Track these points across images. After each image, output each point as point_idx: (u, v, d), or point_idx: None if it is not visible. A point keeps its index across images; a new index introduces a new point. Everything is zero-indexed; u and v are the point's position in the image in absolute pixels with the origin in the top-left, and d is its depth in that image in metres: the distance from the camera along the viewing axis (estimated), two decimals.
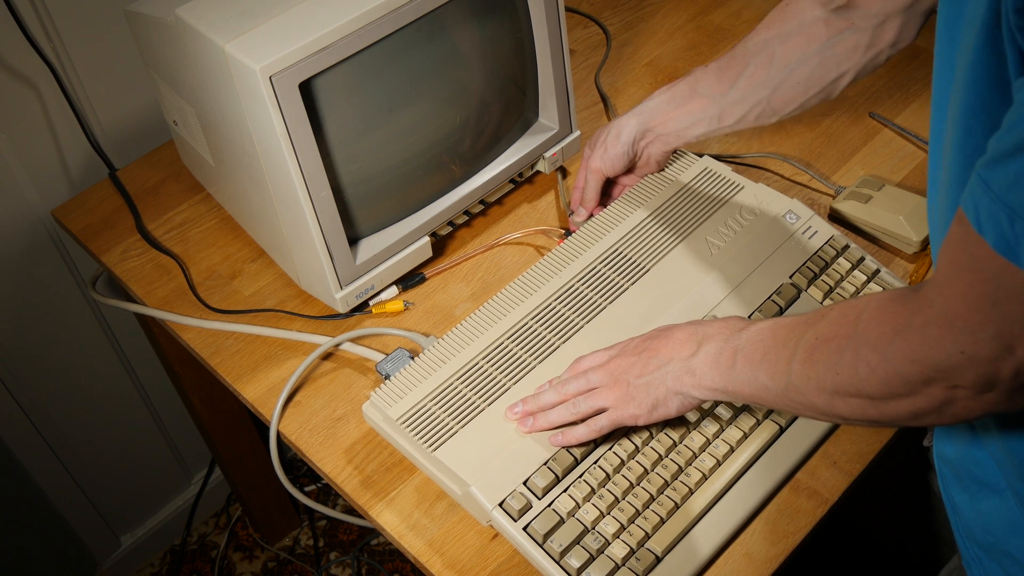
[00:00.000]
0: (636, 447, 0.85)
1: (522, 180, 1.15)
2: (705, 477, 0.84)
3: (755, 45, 0.93)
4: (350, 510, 1.65)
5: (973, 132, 0.53)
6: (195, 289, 1.08)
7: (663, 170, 1.05)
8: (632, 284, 0.96)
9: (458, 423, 0.86)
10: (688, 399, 0.78)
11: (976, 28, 0.50)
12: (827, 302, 0.95)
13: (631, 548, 0.80)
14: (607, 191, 1.07)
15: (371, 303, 1.03)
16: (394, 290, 1.04)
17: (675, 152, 1.08)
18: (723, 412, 0.87)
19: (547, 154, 1.11)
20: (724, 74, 0.94)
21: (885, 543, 1.13)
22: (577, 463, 0.84)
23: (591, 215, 1.06)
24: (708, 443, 0.86)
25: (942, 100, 0.59)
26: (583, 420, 0.82)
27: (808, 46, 0.90)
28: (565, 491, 0.82)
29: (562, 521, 0.81)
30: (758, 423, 0.87)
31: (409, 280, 1.05)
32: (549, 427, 0.84)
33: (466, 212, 1.09)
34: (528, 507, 0.81)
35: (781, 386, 0.68)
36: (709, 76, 0.95)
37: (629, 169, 1.04)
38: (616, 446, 0.85)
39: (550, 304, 0.94)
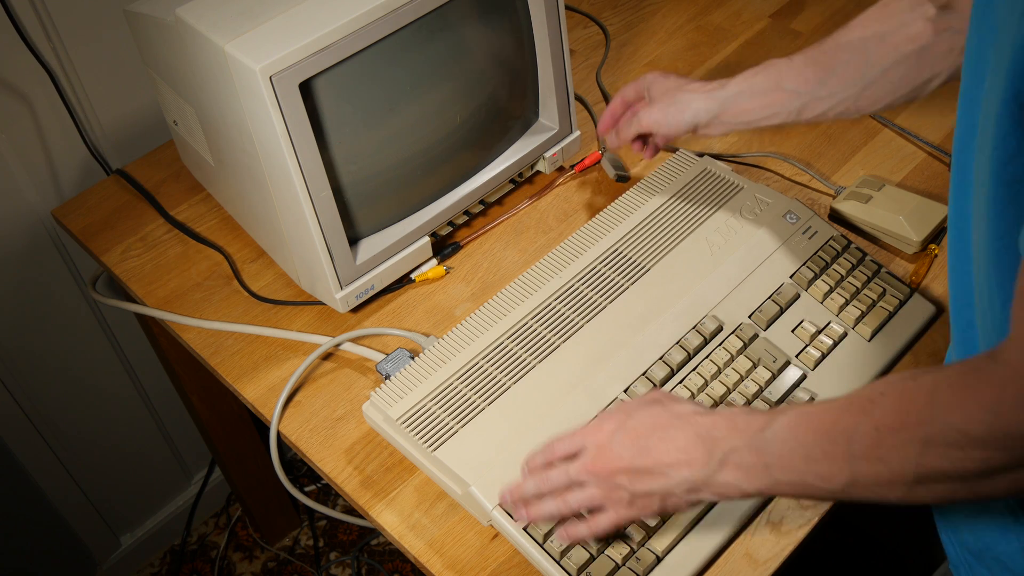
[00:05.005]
0: None
1: (522, 180, 1.15)
2: None
3: (850, 43, 0.89)
4: (350, 510, 1.65)
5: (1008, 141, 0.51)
6: (239, 275, 1.09)
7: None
8: (632, 284, 0.96)
9: (458, 423, 0.86)
10: (709, 500, 0.72)
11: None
12: (827, 302, 0.95)
13: (631, 548, 0.80)
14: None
15: (413, 275, 1.05)
16: (433, 261, 1.06)
17: (675, 151, 1.08)
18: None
19: (547, 154, 1.11)
20: (811, 69, 0.91)
21: (885, 543, 1.12)
22: None
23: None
24: None
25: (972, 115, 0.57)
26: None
27: (906, 46, 0.87)
28: None
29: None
30: None
31: (444, 249, 1.08)
32: (546, 520, 0.78)
33: (466, 212, 1.09)
34: None
35: (840, 485, 0.62)
36: (794, 70, 0.92)
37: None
38: None
39: (550, 304, 0.94)
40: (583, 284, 0.96)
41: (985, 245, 0.58)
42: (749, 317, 0.94)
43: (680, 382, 0.89)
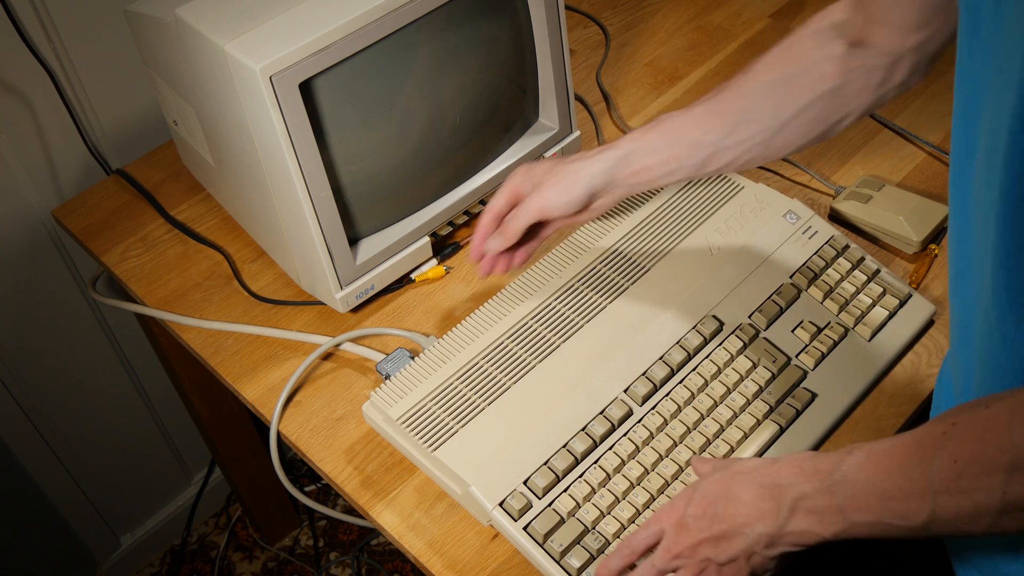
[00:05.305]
0: (636, 447, 0.85)
1: None
2: None
3: (757, 88, 0.85)
4: (350, 510, 1.65)
5: None
6: (239, 275, 1.09)
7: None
8: (632, 284, 0.96)
9: (458, 423, 0.86)
10: (790, 551, 0.70)
11: None
12: (827, 302, 0.95)
13: None
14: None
15: (413, 275, 1.05)
16: (433, 261, 1.06)
17: None
18: (723, 411, 0.87)
19: (547, 154, 1.11)
20: (715, 119, 0.86)
21: (886, 543, 1.12)
22: (577, 463, 0.84)
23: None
24: (708, 443, 0.86)
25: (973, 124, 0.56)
26: None
27: (819, 87, 0.83)
28: (565, 491, 0.82)
29: (562, 521, 0.81)
30: (758, 423, 0.87)
31: (444, 249, 1.08)
32: None
33: (466, 212, 1.09)
34: (528, 507, 0.81)
35: (920, 522, 0.59)
36: (694, 122, 0.86)
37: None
38: (616, 446, 0.85)
39: (550, 304, 0.94)
40: (583, 284, 0.96)
41: (995, 263, 0.57)
42: (749, 317, 0.94)
43: (680, 382, 0.89)
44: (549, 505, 0.81)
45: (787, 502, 0.65)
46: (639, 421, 0.87)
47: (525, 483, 0.82)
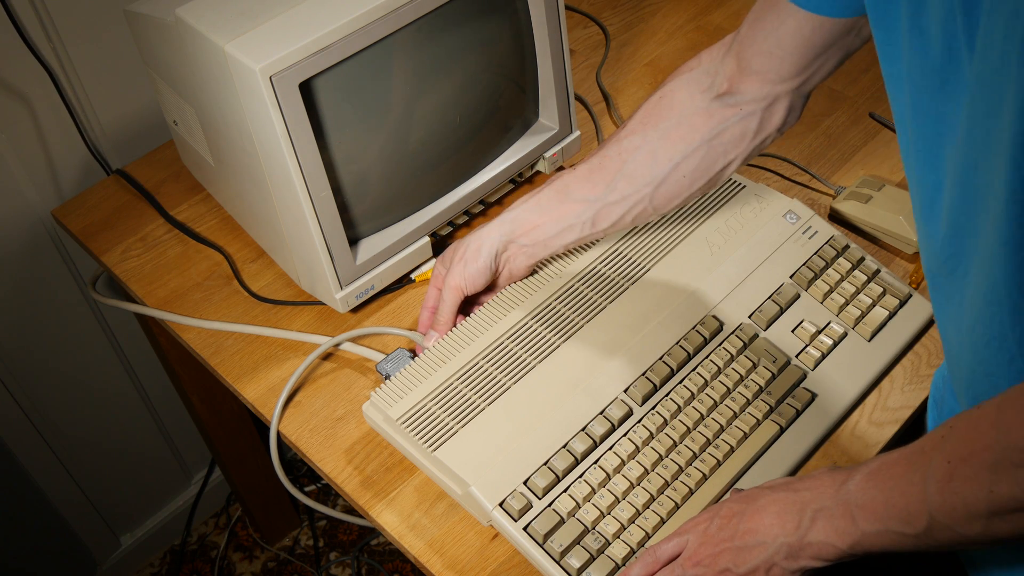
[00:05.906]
0: (636, 447, 0.85)
1: (522, 180, 1.15)
2: (706, 477, 0.84)
3: (632, 143, 0.87)
4: (350, 510, 1.65)
5: None
6: (239, 275, 1.09)
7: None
8: (632, 284, 0.96)
9: (458, 423, 0.86)
10: (810, 566, 0.70)
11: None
12: (827, 302, 0.95)
13: (632, 548, 0.80)
14: (462, 310, 0.97)
15: (413, 275, 1.05)
16: (433, 261, 1.06)
17: None
18: (724, 411, 0.87)
19: (547, 154, 1.11)
20: (597, 175, 0.88)
21: (904, 563, 1.12)
22: (577, 463, 0.84)
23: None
24: (709, 443, 0.86)
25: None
26: None
27: (692, 138, 0.85)
28: (565, 491, 0.82)
29: (562, 521, 0.81)
30: (758, 423, 0.87)
31: (444, 249, 1.07)
32: None
33: (466, 212, 1.09)
34: (528, 507, 0.81)
35: (922, 528, 0.59)
36: (579, 180, 0.89)
37: (489, 285, 0.96)
38: (616, 446, 0.85)
39: (550, 303, 0.94)
40: (583, 284, 0.96)
41: (1009, 281, 0.55)
42: (749, 317, 0.94)
43: (680, 382, 0.89)
44: (549, 505, 0.81)
45: (808, 513, 0.66)
46: (639, 421, 0.87)
47: (525, 483, 0.82)
